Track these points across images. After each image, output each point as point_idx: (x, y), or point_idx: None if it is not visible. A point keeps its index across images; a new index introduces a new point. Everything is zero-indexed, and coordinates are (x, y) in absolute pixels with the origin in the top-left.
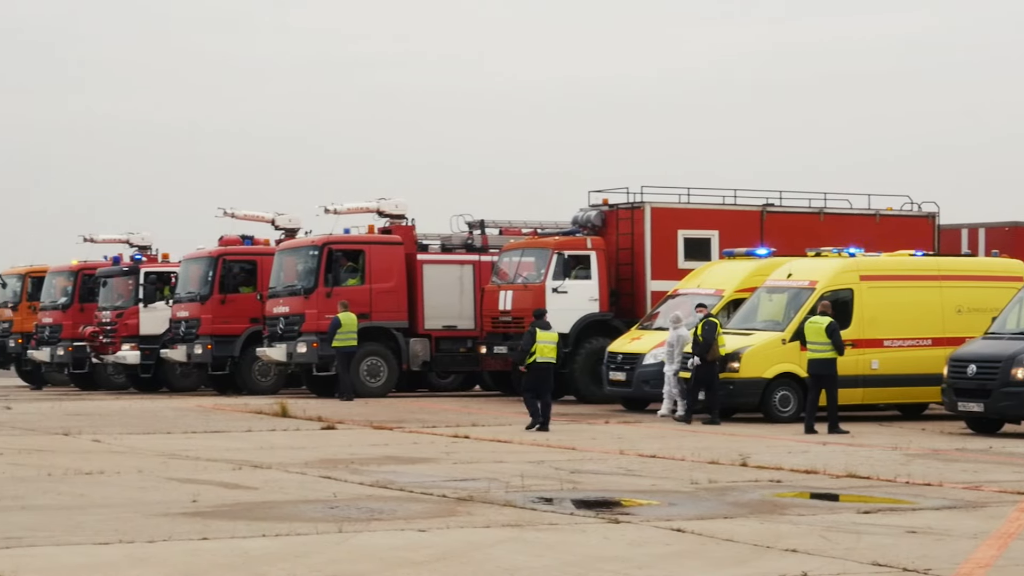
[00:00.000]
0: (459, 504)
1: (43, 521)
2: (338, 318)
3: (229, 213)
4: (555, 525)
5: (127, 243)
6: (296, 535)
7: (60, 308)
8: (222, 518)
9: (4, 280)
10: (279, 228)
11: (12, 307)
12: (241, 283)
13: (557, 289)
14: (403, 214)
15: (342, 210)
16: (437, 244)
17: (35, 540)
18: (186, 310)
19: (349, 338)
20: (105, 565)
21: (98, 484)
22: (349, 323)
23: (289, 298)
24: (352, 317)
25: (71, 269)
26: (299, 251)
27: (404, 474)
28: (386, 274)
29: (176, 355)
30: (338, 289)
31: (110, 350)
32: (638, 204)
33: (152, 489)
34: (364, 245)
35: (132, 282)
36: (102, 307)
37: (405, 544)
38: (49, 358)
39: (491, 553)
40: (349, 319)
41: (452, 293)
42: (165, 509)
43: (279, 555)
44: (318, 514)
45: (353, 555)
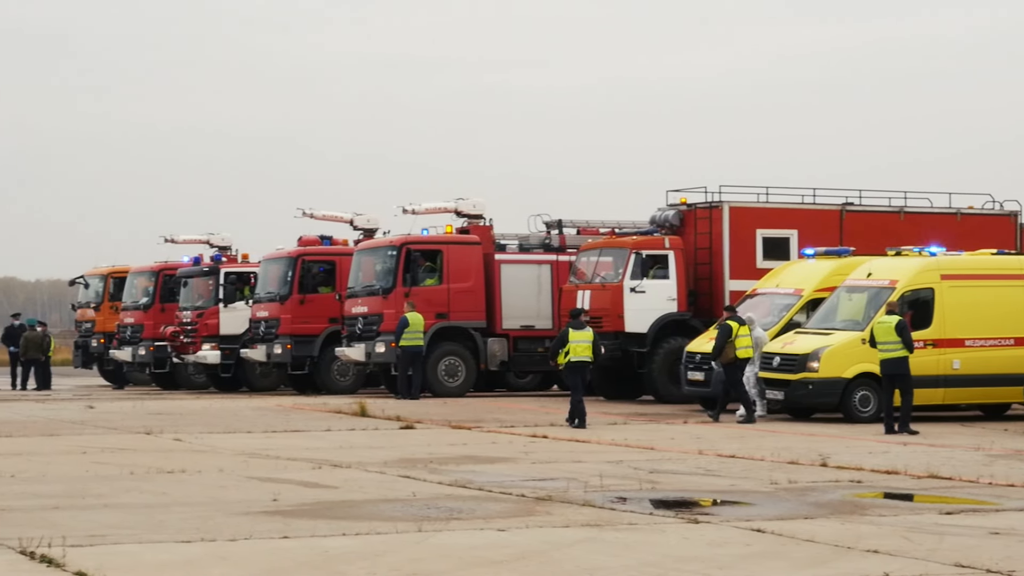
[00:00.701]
0: (538, 504)
1: (126, 519)
2: (406, 317)
3: (308, 214)
4: (634, 525)
5: (207, 244)
6: (376, 534)
7: (141, 308)
8: (302, 517)
9: (87, 281)
10: (358, 228)
11: (94, 307)
12: (320, 283)
13: (635, 289)
14: (481, 214)
15: (420, 210)
16: (515, 244)
17: (118, 538)
18: (266, 310)
19: (416, 338)
20: (187, 563)
21: (180, 483)
22: (416, 323)
23: (368, 298)
24: (419, 317)
25: (152, 270)
26: (377, 251)
27: (482, 473)
28: (464, 274)
29: (256, 355)
30: (416, 289)
31: (191, 350)
32: (716, 203)
33: (233, 488)
34: (442, 245)
35: (212, 282)
36: (183, 307)
37: (484, 543)
38: (131, 358)
39: (570, 553)
40: (416, 319)
41: (530, 293)
42: (246, 508)
43: (359, 554)
44: (397, 513)
45: (432, 554)
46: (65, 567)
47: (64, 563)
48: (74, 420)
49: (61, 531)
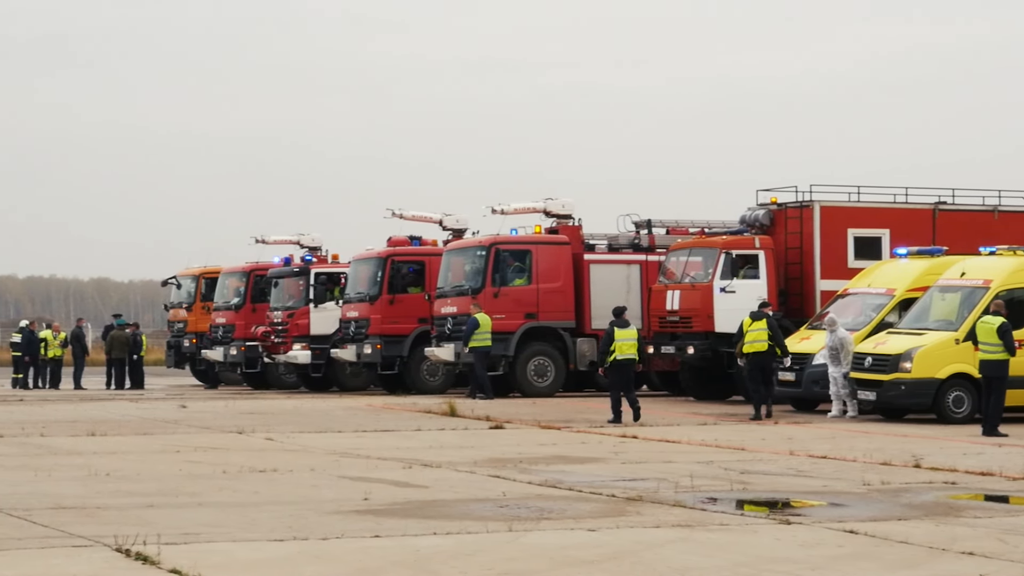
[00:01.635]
0: (628, 504)
1: (219, 518)
2: (475, 319)
3: (397, 214)
4: (725, 526)
5: (298, 244)
6: (467, 533)
7: (233, 308)
8: (394, 516)
9: (179, 281)
10: (447, 229)
11: (187, 308)
12: (409, 283)
13: (725, 289)
14: (570, 214)
15: (509, 210)
16: (604, 244)
17: (212, 536)
18: (355, 310)
19: (484, 338)
20: (280, 561)
21: (272, 482)
22: (485, 324)
23: (457, 298)
24: (487, 318)
25: (244, 270)
26: (467, 251)
27: (573, 473)
28: (553, 274)
29: (346, 355)
30: (505, 289)
31: (281, 350)
32: (807, 203)
33: (324, 487)
34: (531, 245)
35: (303, 283)
36: (274, 307)
37: (575, 543)
38: (222, 358)
39: (661, 553)
40: (485, 320)
41: (619, 293)
42: (337, 507)
43: (450, 553)
44: (488, 513)
45: (524, 554)
46: (160, 565)
47: (159, 561)
48: (167, 419)
49: (156, 529)
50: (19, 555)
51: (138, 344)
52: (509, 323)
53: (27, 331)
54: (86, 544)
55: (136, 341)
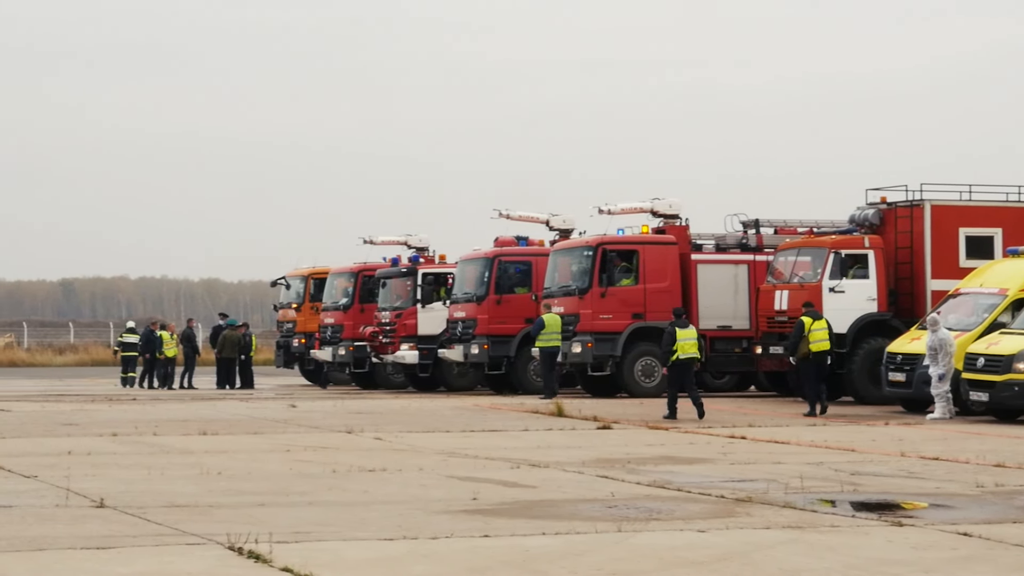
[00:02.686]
0: (737, 505)
1: (329, 516)
2: (542, 319)
3: (504, 214)
4: (836, 527)
5: (405, 245)
6: (575, 534)
7: (341, 309)
8: (502, 516)
9: (288, 282)
10: (553, 229)
11: (295, 308)
12: (516, 283)
13: (834, 289)
14: (677, 214)
15: (616, 210)
16: (711, 244)
17: (322, 535)
18: (463, 310)
19: (553, 339)
20: (390, 560)
21: (381, 481)
22: (553, 324)
23: (564, 298)
24: (556, 318)
25: (352, 271)
26: (573, 251)
27: (681, 474)
28: (660, 274)
29: (453, 355)
30: (612, 289)
31: (389, 350)
32: (917, 202)
33: (433, 487)
34: (638, 245)
35: (410, 283)
36: (381, 308)
37: (684, 544)
38: (331, 358)
39: (771, 554)
40: (553, 320)
41: (727, 293)
42: (446, 506)
43: (559, 553)
44: (596, 513)
45: (633, 554)
46: (272, 563)
47: (271, 559)
48: (277, 419)
49: (267, 527)
50: (135, 552)
51: (247, 344)
52: (616, 323)
53: (147, 331)
54: (199, 542)
55: (246, 341)
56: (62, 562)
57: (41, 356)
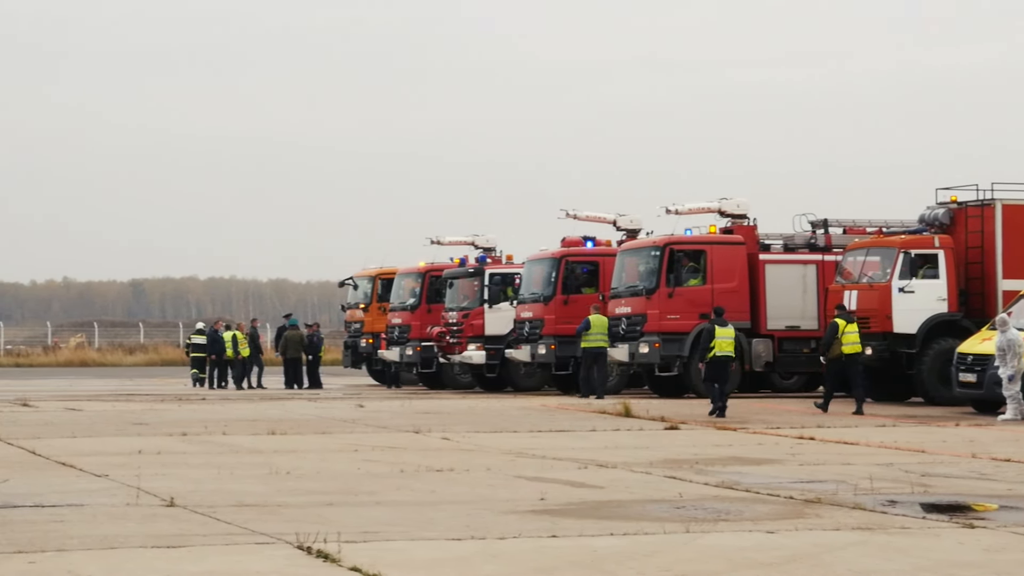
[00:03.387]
0: (806, 506)
1: (397, 516)
2: (588, 320)
3: (571, 214)
4: (906, 529)
5: (472, 245)
6: (643, 534)
7: (408, 309)
8: (570, 516)
9: (355, 282)
10: (621, 229)
11: (363, 308)
12: (583, 284)
13: (903, 289)
14: (745, 214)
15: (683, 210)
16: (779, 244)
17: (390, 535)
18: (530, 310)
19: (599, 339)
20: (458, 560)
21: (448, 481)
22: (599, 325)
23: (631, 298)
24: (602, 319)
25: (419, 271)
26: (641, 252)
27: (749, 475)
28: (728, 274)
29: (520, 355)
30: (679, 289)
31: (456, 350)
32: (988, 201)
33: (500, 487)
34: (706, 245)
35: (477, 283)
36: (449, 308)
37: (753, 545)
38: (398, 358)
39: (841, 556)
40: (599, 321)
41: (795, 293)
42: (514, 507)
43: (627, 554)
44: (664, 514)
45: (701, 555)
46: (340, 562)
47: (339, 558)
48: (345, 419)
49: (335, 527)
50: (205, 551)
51: (315, 345)
52: (683, 323)
53: (212, 331)
54: (268, 541)
55: (313, 341)
56: (133, 560)
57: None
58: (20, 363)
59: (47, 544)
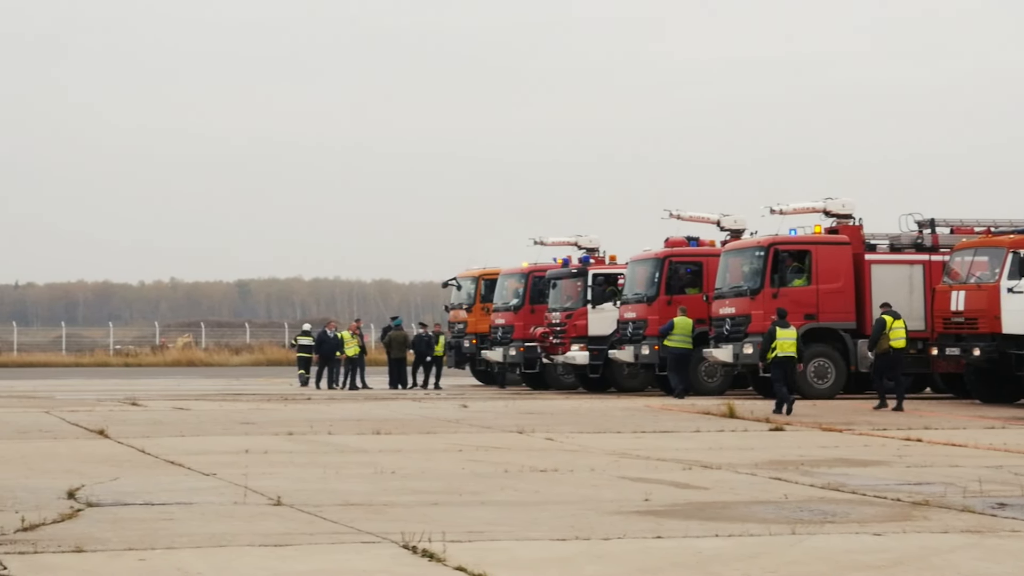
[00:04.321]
0: (914, 508)
1: (501, 516)
2: (673, 321)
3: (675, 215)
4: (1016, 532)
5: (575, 245)
6: (748, 536)
7: (512, 309)
8: (674, 517)
9: (459, 283)
10: (725, 229)
11: (466, 309)
12: (687, 284)
13: (1012, 289)
14: (850, 214)
15: (788, 210)
16: (885, 244)
17: (495, 535)
18: (633, 311)
19: (683, 341)
20: (562, 560)
21: (552, 481)
22: (683, 327)
23: (735, 299)
24: (687, 321)
25: (522, 271)
26: (745, 252)
27: (855, 476)
28: (833, 274)
29: (624, 356)
30: (784, 290)
31: (560, 350)
32: None
33: (605, 487)
34: (811, 245)
35: (581, 284)
36: (552, 308)
37: (860, 548)
38: (502, 358)
39: (949, 559)
40: (684, 323)
41: (901, 293)
42: (618, 507)
43: (732, 555)
44: (770, 515)
45: (807, 557)
46: (445, 562)
47: (444, 558)
48: (449, 419)
49: (440, 527)
50: (311, 550)
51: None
52: None
53: (322, 332)
54: (374, 540)
55: (425, 341)
56: (241, 558)
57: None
58: (129, 363)
59: (157, 542)
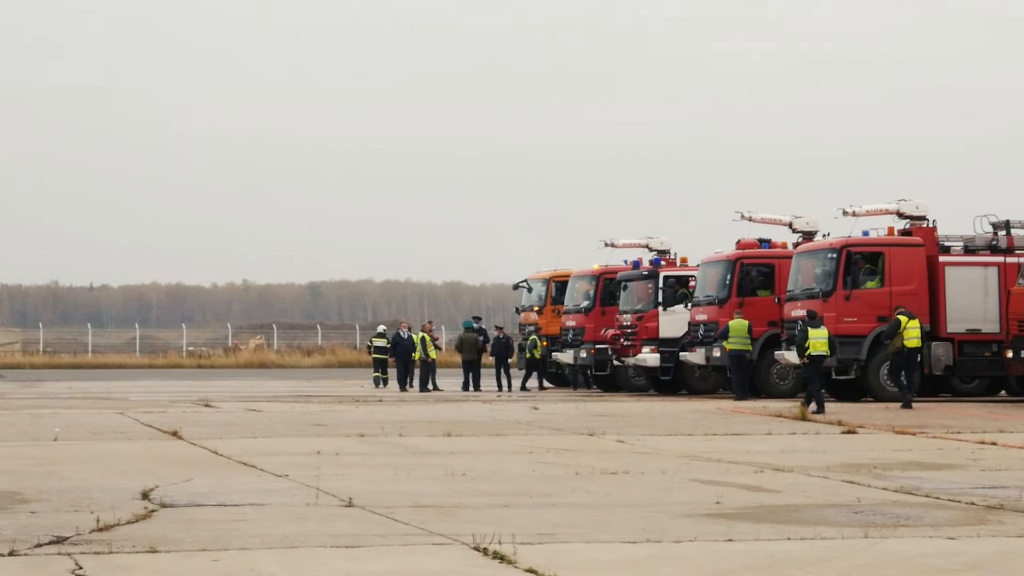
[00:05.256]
0: (989, 512)
1: (572, 518)
2: (728, 324)
3: (747, 216)
4: None
5: (646, 247)
6: (821, 539)
7: (582, 311)
8: (746, 520)
9: (530, 284)
10: (797, 231)
11: (537, 311)
12: (759, 286)
13: None
14: (924, 215)
15: (861, 212)
16: (960, 245)
17: (566, 537)
18: (704, 313)
19: (739, 343)
20: (634, 563)
21: (623, 484)
22: (738, 329)
23: (807, 301)
24: (743, 323)
25: (593, 273)
26: (817, 254)
27: (929, 480)
28: (906, 276)
29: (695, 358)
30: (856, 292)
31: (630, 352)
32: None
33: (676, 490)
34: (883, 247)
35: (651, 286)
36: (623, 310)
37: (934, 551)
38: (572, 360)
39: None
40: (738, 325)
41: (975, 295)
42: (689, 510)
43: (804, 559)
44: (842, 519)
45: (880, 560)
46: (516, 564)
47: (515, 559)
48: (519, 421)
49: (511, 528)
50: (383, 551)
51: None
52: (861, 326)
53: (396, 334)
54: (445, 542)
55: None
56: (314, 559)
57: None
58: (202, 364)
59: (230, 542)
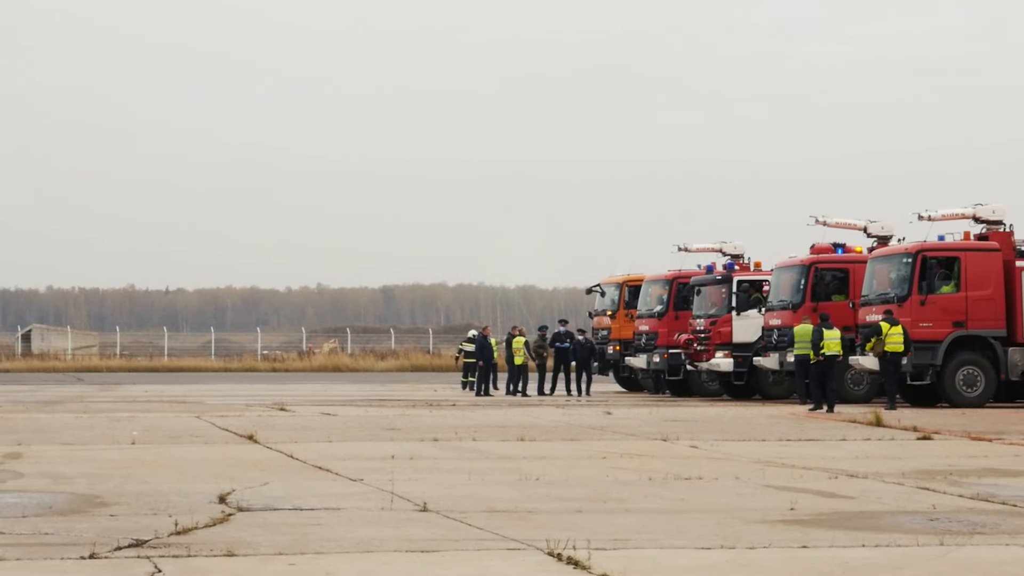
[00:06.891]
0: None
1: (646, 524)
2: (793, 330)
3: (821, 221)
4: None
5: (720, 252)
6: (896, 546)
7: (656, 316)
8: (820, 526)
9: (603, 289)
10: (871, 236)
11: (610, 315)
12: (833, 291)
13: None
14: (1001, 220)
15: (936, 217)
16: None
17: (639, 542)
18: (778, 318)
19: (802, 348)
20: (708, 569)
21: (697, 489)
22: (801, 334)
23: (882, 306)
24: (806, 328)
25: (666, 278)
26: (892, 259)
27: (1006, 487)
28: (982, 281)
29: (769, 363)
30: (932, 297)
31: (704, 357)
32: None
33: (750, 496)
34: (959, 252)
35: (725, 290)
36: (696, 315)
37: (1010, 559)
38: (646, 365)
39: None
40: (802, 330)
41: None
42: (763, 516)
43: (879, 565)
44: (917, 526)
45: (956, 569)
46: (590, 569)
47: (589, 565)
48: (593, 426)
49: (585, 534)
50: (457, 556)
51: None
52: (936, 332)
53: (480, 337)
54: (519, 547)
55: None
56: (388, 564)
57: (363, 361)
58: (276, 368)
59: (306, 547)
